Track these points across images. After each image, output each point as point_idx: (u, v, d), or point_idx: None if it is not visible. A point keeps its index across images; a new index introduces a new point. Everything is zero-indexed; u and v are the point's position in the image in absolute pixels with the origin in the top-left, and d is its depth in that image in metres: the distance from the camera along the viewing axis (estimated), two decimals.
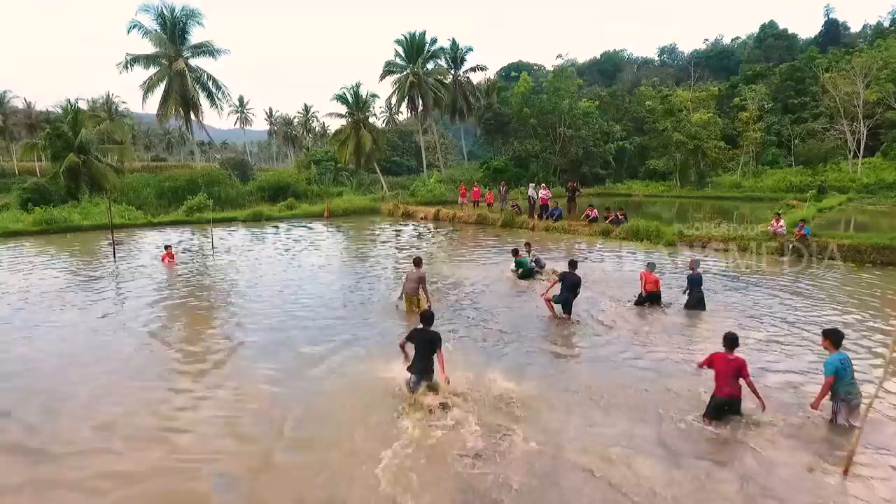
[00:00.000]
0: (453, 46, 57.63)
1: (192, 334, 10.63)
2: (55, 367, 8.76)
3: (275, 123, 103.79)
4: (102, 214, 28.05)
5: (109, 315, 11.75)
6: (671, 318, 11.34)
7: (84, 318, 11.53)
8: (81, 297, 13.28)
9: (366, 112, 54.25)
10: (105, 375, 8.42)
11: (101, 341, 10.09)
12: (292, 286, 14.38)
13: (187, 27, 42.11)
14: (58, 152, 38.66)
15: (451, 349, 8.59)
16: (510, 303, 12.79)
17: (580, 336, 10.39)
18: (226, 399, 7.62)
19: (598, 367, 8.82)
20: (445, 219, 28.25)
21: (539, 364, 9.03)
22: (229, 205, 41.93)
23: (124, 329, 10.76)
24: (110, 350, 9.60)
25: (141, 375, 8.43)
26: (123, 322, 11.21)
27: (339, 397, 7.65)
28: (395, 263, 17.66)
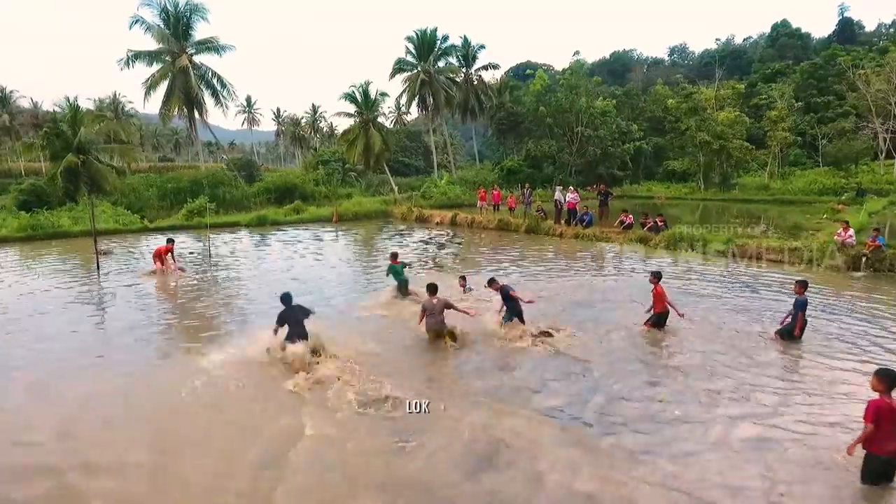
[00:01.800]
0: (465, 44, 55.22)
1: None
2: None
3: (282, 124, 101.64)
4: (100, 218, 25.83)
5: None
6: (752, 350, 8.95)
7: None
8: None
9: (375, 111, 51.96)
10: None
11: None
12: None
13: (191, 22, 39.87)
14: (56, 152, 36.49)
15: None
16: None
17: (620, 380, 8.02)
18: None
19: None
20: (463, 224, 25.86)
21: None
22: (234, 207, 39.72)
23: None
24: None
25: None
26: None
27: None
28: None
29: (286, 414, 6.99)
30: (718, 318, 11.04)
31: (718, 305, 12.06)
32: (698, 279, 14.80)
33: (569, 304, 12.39)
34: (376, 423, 6.74)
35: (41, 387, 7.92)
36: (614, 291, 13.65)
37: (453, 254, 19.97)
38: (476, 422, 6.75)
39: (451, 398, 7.45)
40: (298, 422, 6.72)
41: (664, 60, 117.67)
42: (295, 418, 6.82)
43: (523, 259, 18.47)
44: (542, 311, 11.31)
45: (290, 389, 7.63)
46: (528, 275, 15.80)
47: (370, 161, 51.99)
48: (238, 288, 14.25)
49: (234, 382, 7.94)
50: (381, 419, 6.82)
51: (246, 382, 7.97)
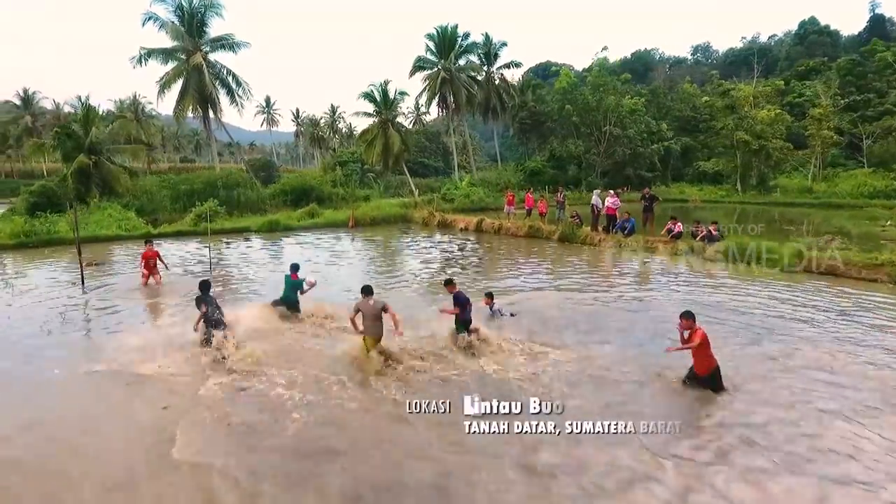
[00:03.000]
0: (486, 41, 52.70)
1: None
2: None
3: (301, 124, 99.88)
4: (104, 223, 23.84)
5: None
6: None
7: None
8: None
9: (394, 111, 49.66)
10: None
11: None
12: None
13: (206, 19, 37.95)
14: (68, 153, 34.71)
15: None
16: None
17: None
18: None
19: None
20: (489, 230, 23.37)
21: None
22: (249, 209, 37.65)
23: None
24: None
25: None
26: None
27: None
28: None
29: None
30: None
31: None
32: (790, 304, 12.09)
33: (579, 323, 10.19)
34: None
35: None
36: (644, 318, 11.15)
37: (476, 265, 17.49)
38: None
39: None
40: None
41: (687, 60, 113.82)
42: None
43: (553, 271, 16.01)
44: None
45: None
46: (554, 288, 13.47)
47: (389, 162, 49.75)
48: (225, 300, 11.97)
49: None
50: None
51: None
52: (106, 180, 34.63)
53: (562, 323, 10.64)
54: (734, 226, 20.72)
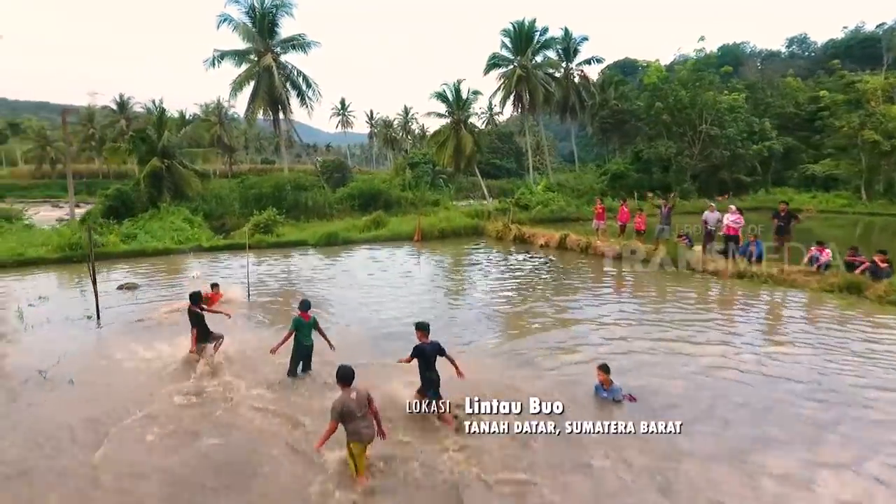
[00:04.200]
0: (566, 36, 48.45)
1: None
2: None
3: (375, 126, 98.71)
4: (158, 233, 21.98)
5: None
6: None
7: None
8: None
9: (467, 111, 46.42)
10: None
11: None
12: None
13: (276, 19, 36.24)
14: (143, 157, 33.91)
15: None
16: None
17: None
18: None
19: None
20: (575, 248, 19.61)
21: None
22: (315, 214, 35.73)
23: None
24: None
25: None
26: None
27: None
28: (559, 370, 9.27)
29: None
30: None
31: None
32: None
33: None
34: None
35: None
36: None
37: (557, 292, 13.91)
38: None
39: None
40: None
41: (781, 53, 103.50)
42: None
43: (659, 310, 12.18)
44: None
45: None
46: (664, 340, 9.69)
47: (460, 163, 46.56)
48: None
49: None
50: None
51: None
52: (177, 184, 33.53)
53: (695, 413, 7.09)
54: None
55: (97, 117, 74.03)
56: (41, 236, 18.99)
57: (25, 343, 9.94)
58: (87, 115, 73.82)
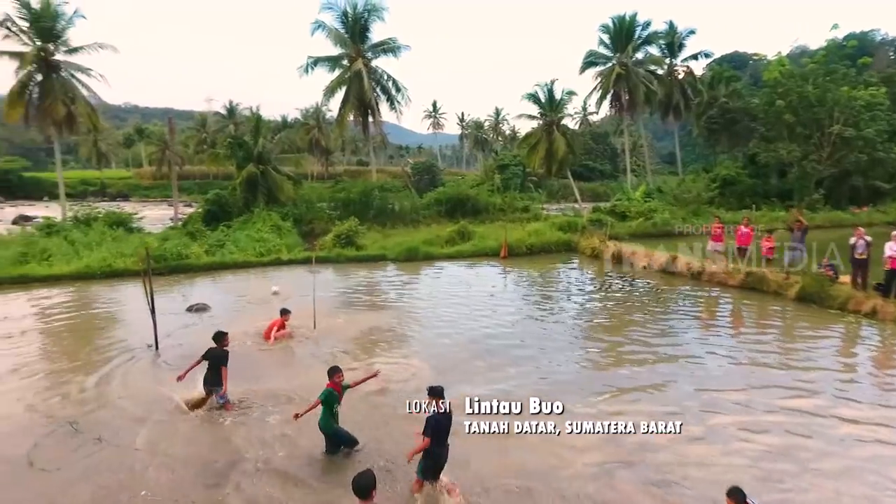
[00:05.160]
0: (670, 30, 44.31)
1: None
2: None
3: (466, 127, 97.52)
4: (242, 242, 21.64)
5: None
6: None
7: None
8: None
9: (560, 112, 43.76)
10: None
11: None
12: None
13: (368, 24, 35.65)
14: (240, 162, 34.61)
15: None
16: None
17: None
18: None
19: None
20: (684, 273, 16.87)
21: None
22: (402, 220, 34.82)
23: None
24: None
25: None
26: None
27: None
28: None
29: None
30: None
31: None
32: None
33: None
34: None
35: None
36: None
37: (661, 334, 11.45)
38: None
39: None
40: None
41: None
42: None
43: (809, 367, 9.44)
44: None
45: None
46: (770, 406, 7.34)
47: (552, 167, 44.00)
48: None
49: None
50: None
51: None
52: (271, 189, 33.85)
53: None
54: None
55: (209, 122, 78.43)
56: (133, 245, 19.11)
57: (75, 384, 9.16)
58: (201, 121, 78.49)
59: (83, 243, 19.60)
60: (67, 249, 18.64)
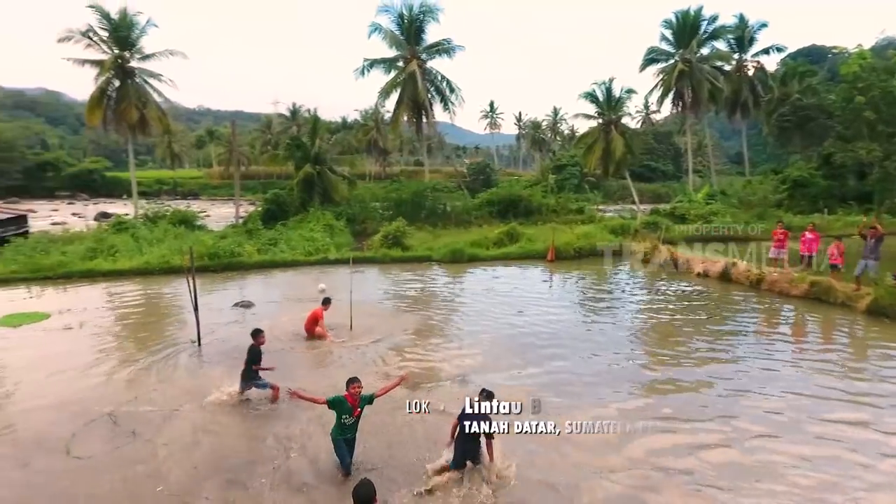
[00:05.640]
0: (740, 23, 42.03)
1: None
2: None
3: (523, 127, 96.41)
4: (294, 241, 22.20)
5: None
6: None
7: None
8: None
9: (619, 111, 42.38)
10: None
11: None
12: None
13: (423, 25, 35.85)
14: (298, 163, 35.63)
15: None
16: None
17: None
18: None
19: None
20: (742, 281, 15.84)
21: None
22: (453, 221, 34.77)
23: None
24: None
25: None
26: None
27: None
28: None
29: None
30: None
31: None
32: None
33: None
34: None
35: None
36: None
37: (716, 351, 10.63)
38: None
39: None
40: None
41: None
42: None
43: (839, 375, 8.53)
44: None
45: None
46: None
47: (609, 168, 42.67)
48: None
49: None
50: None
51: None
52: (326, 189, 34.66)
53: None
54: None
55: (273, 124, 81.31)
56: (192, 242, 19.96)
57: (118, 372, 9.59)
58: (266, 122, 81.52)
59: (147, 240, 20.67)
60: (132, 246, 19.69)
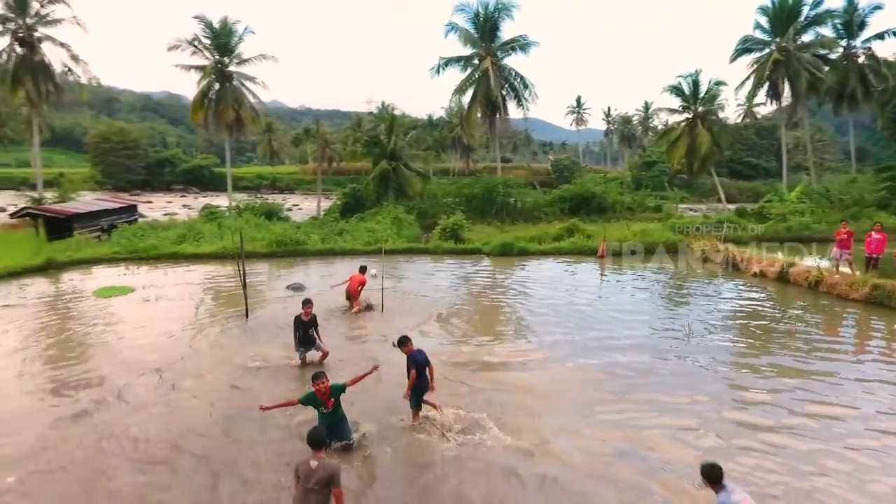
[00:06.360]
0: (848, 7, 38.37)
1: None
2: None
3: (612, 122, 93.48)
4: (358, 233, 23.63)
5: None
6: None
7: None
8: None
9: (707, 104, 40.29)
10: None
11: None
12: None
13: (498, 23, 36.26)
14: (375, 159, 37.44)
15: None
16: None
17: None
18: None
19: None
20: (800, 282, 14.91)
21: None
22: (523, 217, 35.01)
23: None
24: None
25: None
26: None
27: None
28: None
29: None
30: None
31: None
32: None
33: None
34: None
35: None
36: None
37: (760, 369, 10.22)
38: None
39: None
40: None
41: None
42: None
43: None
44: None
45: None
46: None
47: (693, 164, 40.71)
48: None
49: None
50: None
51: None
52: (400, 184, 36.12)
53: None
54: None
55: (364, 122, 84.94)
56: (264, 231, 21.96)
57: (177, 337, 11.11)
58: (357, 121, 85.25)
59: (230, 228, 22.93)
60: (216, 233, 21.98)
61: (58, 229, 23.70)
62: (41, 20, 33.38)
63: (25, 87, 32.30)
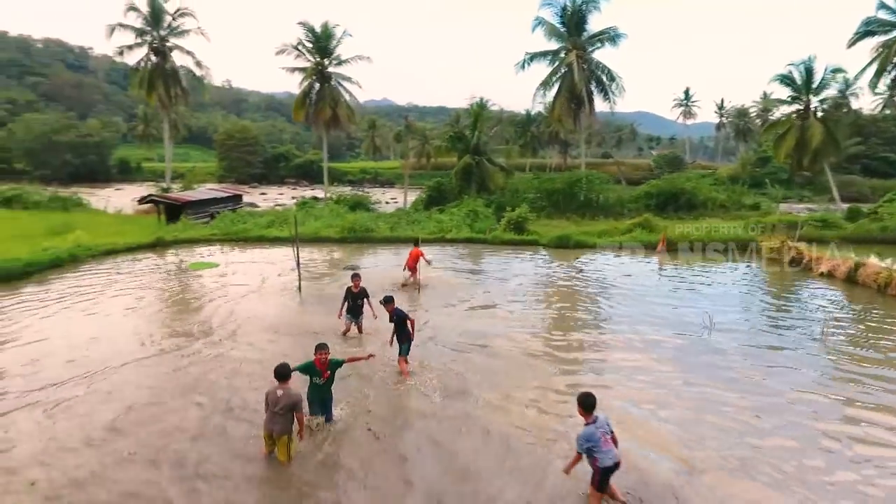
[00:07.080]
0: None
1: None
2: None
3: (725, 115, 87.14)
4: (428, 225, 24.88)
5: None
6: None
7: None
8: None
9: (821, 94, 36.95)
10: None
11: None
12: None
13: (585, 15, 35.80)
14: (460, 154, 38.63)
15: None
16: None
17: None
18: None
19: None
20: (869, 283, 13.75)
21: None
22: (604, 212, 34.40)
23: None
24: None
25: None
26: None
27: None
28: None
29: None
30: None
31: None
32: None
33: None
34: None
35: None
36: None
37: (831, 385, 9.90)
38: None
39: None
40: None
41: None
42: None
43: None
44: None
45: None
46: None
47: (802, 160, 37.54)
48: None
49: None
50: None
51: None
52: (483, 178, 37.03)
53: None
54: None
55: (461, 118, 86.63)
56: (341, 219, 23.89)
57: (242, 304, 12.92)
58: (455, 117, 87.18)
59: (315, 216, 25.20)
60: (302, 219, 24.27)
61: (175, 214, 27.46)
62: (172, 31, 38.44)
63: (158, 91, 37.40)
